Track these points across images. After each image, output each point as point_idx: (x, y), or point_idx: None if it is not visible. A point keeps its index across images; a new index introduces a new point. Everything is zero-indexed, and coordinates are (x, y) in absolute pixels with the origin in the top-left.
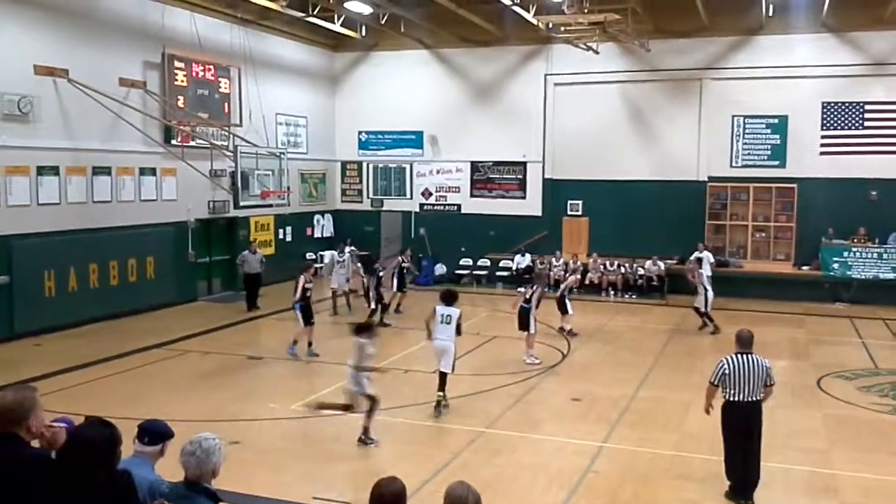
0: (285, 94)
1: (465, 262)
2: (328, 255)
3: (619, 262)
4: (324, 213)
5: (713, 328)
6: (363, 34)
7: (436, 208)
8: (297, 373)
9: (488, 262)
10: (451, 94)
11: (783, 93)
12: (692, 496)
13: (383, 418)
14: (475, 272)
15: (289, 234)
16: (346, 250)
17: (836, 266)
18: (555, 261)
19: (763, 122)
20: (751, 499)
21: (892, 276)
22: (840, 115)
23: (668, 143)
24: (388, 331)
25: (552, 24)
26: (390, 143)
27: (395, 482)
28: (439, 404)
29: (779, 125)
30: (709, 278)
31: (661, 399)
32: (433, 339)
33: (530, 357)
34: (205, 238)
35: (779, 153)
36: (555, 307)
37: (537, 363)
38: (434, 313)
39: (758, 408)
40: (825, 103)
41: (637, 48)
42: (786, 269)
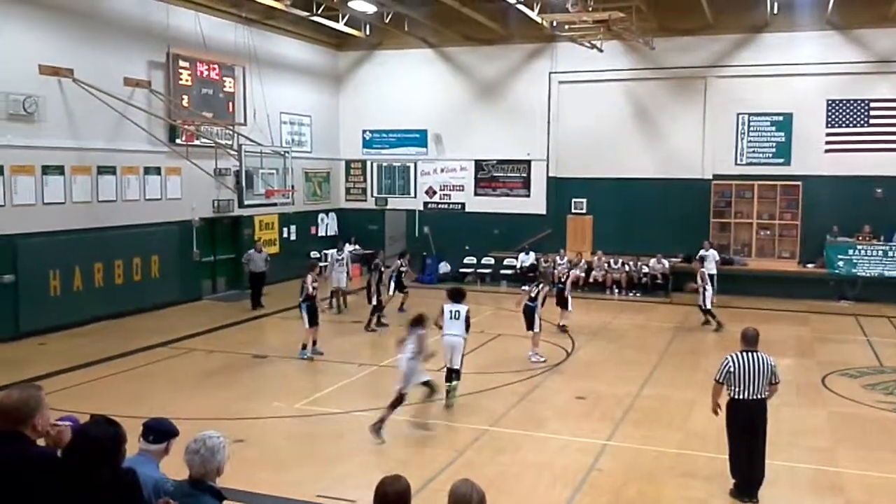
0: (289, 93)
1: (469, 260)
2: (330, 254)
3: (623, 260)
4: (328, 211)
5: (716, 325)
6: (367, 33)
7: (440, 207)
8: (302, 371)
9: (492, 261)
10: (455, 92)
11: (788, 90)
12: (697, 494)
13: None
14: (479, 270)
15: (293, 232)
16: (345, 249)
17: (841, 264)
18: (559, 259)
19: (768, 120)
20: (756, 497)
21: None
22: (845, 113)
23: (673, 141)
24: (390, 330)
25: (556, 23)
26: (394, 141)
27: (399, 480)
28: (449, 393)
29: (783, 123)
30: (711, 276)
31: (666, 397)
32: (443, 334)
33: (535, 355)
34: (209, 237)
35: (783, 151)
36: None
37: (542, 361)
38: (442, 311)
39: (763, 406)
40: (830, 101)
41: (641, 46)
42: (791, 266)
